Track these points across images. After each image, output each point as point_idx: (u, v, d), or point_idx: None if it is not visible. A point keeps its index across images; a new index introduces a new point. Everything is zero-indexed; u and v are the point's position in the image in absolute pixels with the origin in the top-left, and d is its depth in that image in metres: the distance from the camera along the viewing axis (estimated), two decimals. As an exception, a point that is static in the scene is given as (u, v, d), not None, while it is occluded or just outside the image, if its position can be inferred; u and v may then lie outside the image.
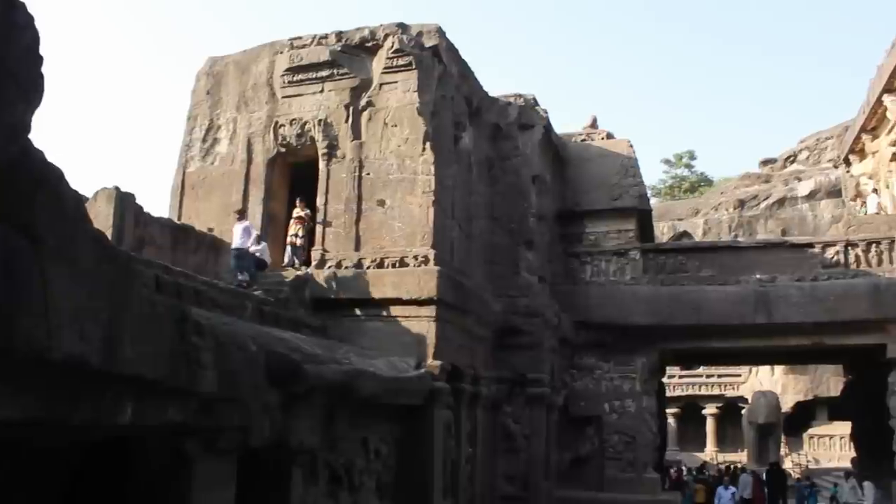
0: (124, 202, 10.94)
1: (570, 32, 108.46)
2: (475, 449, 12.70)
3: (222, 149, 13.45)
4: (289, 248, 12.54)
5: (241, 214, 12.17)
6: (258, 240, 11.95)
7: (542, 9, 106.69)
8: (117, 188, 10.93)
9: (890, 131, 18.06)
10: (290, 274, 11.82)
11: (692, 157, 57.91)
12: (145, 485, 5.70)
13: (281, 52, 13.23)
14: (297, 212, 12.68)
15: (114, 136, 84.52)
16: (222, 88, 13.77)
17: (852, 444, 21.91)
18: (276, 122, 13.02)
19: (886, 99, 17.33)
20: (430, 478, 10.63)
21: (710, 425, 38.70)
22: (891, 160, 18.34)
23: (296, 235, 12.51)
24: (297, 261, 12.35)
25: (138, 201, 11.30)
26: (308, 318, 10.92)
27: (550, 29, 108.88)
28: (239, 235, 11.63)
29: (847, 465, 24.43)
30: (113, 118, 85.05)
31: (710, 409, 38.60)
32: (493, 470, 13.56)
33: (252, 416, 6.08)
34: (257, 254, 11.74)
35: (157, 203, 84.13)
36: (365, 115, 12.50)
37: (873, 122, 19.06)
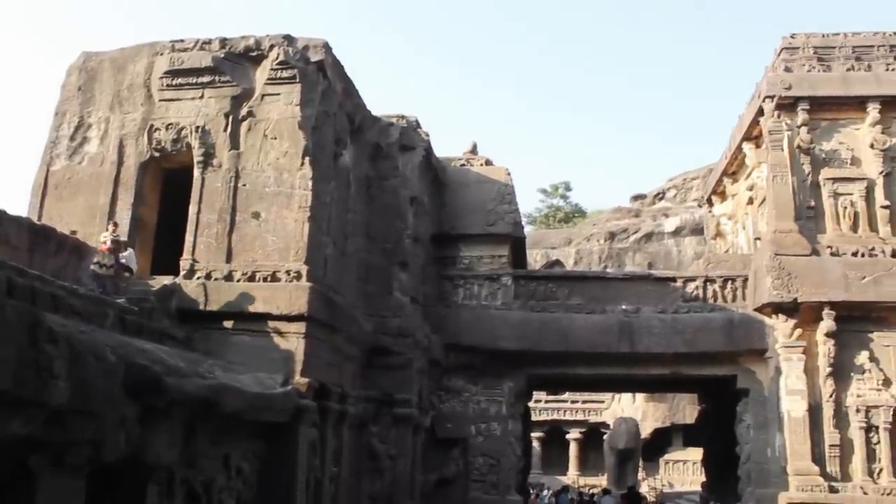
0: (-25, 198, 10.29)
1: (456, 59, 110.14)
2: (340, 468, 12.58)
3: (92, 148, 12.89)
4: (91, 277, 10.73)
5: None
6: (123, 245, 11.50)
7: (431, 33, 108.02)
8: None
9: (748, 176, 19.21)
10: (157, 283, 11.43)
11: (568, 188, 59.71)
12: (-17, 501, 5.37)
13: (161, 54, 12.85)
14: (106, 236, 11.12)
15: (-28, 127, 79.46)
16: (96, 86, 13.23)
17: (704, 469, 23.00)
18: (152, 126, 12.60)
19: (745, 146, 18.44)
20: (293, 497, 10.45)
21: (573, 449, 39.70)
22: (747, 203, 19.50)
23: (100, 265, 10.74)
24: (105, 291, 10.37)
25: (-7, 198, 10.67)
26: (173, 330, 10.58)
27: (438, 53, 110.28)
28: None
29: (698, 488, 25.66)
30: (-28, 108, 79.99)
31: (573, 434, 39.63)
32: (357, 490, 13.46)
33: (107, 430, 5.83)
34: (123, 260, 11.30)
35: (15, 202, 79.61)
36: (245, 125, 12.29)
37: (734, 166, 20.24)
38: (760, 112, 17.02)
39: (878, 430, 15.02)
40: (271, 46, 12.43)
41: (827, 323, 15.21)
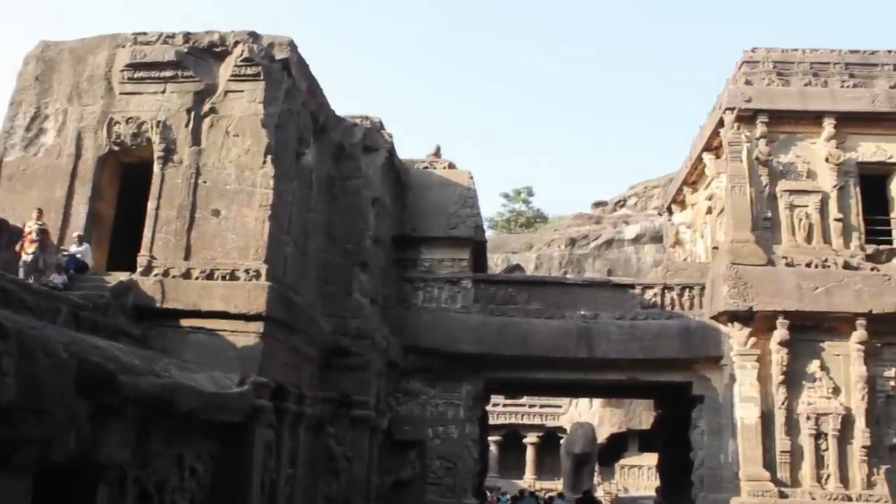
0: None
1: (422, 62, 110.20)
2: (296, 469, 12.49)
3: (48, 140, 12.66)
4: (22, 269, 10.73)
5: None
6: (80, 240, 11.30)
7: (397, 35, 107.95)
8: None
9: (707, 186, 19.47)
10: (113, 279, 11.24)
11: (530, 193, 60.03)
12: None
13: (123, 46, 12.65)
14: (31, 225, 11.03)
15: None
16: (54, 76, 12.99)
17: (658, 474, 23.25)
18: (112, 119, 12.41)
19: (706, 157, 18.69)
20: (248, 499, 10.34)
21: (529, 454, 39.93)
22: (706, 212, 19.75)
23: (27, 250, 10.78)
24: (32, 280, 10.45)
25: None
26: (128, 327, 10.42)
27: (403, 55, 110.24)
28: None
29: (653, 493, 25.94)
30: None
31: (530, 438, 39.86)
32: (313, 491, 13.37)
33: (57, 428, 5.71)
34: (78, 255, 11.10)
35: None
36: (207, 121, 12.16)
37: (694, 176, 20.51)
38: (721, 123, 17.27)
39: (827, 438, 15.33)
40: (236, 43, 12.32)
41: (780, 332, 15.48)
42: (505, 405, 38.69)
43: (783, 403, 15.45)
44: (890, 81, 17.04)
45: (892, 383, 15.60)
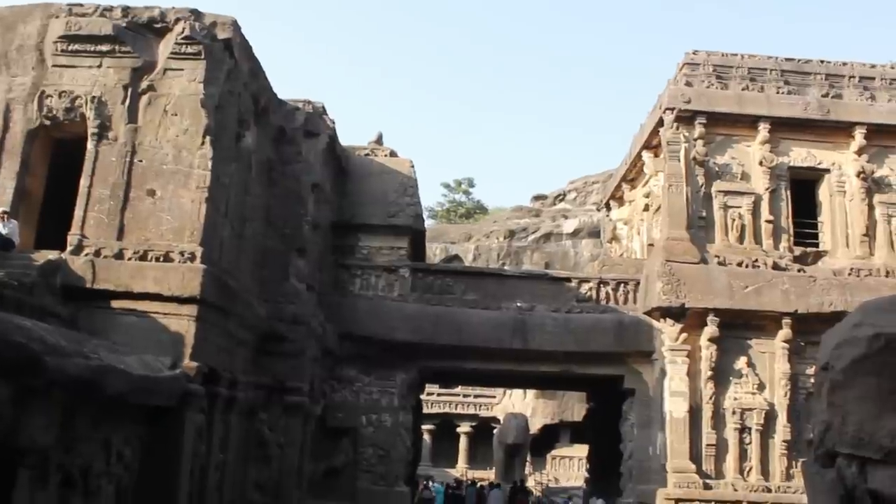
0: None
1: (367, 49, 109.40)
2: (227, 455, 12.32)
3: (-27, 112, 12.15)
4: None
5: None
6: (6, 217, 10.92)
7: (342, 20, 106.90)
8: None
9: (645, 184, 19.78)
10: (41, 257, 10.88)
11: (471, 184, 60.28)
12: None
13: (57, 17, 12.18)
14: None
15: None
16: (-21, 44, 12.47)
17: (588, 465, 23.65)
18: (43, 92, 11.96)
19: (645, 155, 18.98)
20: (177, 484, 10.19)
21: (463, 443, 40.15)
22: (643, 210, 20.08)
23: None
24: None
25: None
26: (56, 308, 10.11)
27: (348, 42, 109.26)
28: None
29: (582, 484, 26.40)
30: None
31: (464, 428, 40.08)
32: (244, 477, 13.21)
33: (-23, 410, 5.53)
34: (4, 232, 10.73)
35: None
36: (144, 98, 11.83)
37: (633, 173, 20.81)
38: (660, 123, 17.56)
39: (751, 432, 15.82)
40: (177, 20, 12.00)
41: (711, 329, 15.87)
42: (439, 394, 38.83)
43: (711, 398, 15.85)
44: (821, 90, 17.58)
45: (813, 380, 16.11)
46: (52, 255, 10.98)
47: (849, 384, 3.24)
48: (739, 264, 16.31)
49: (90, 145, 11.68)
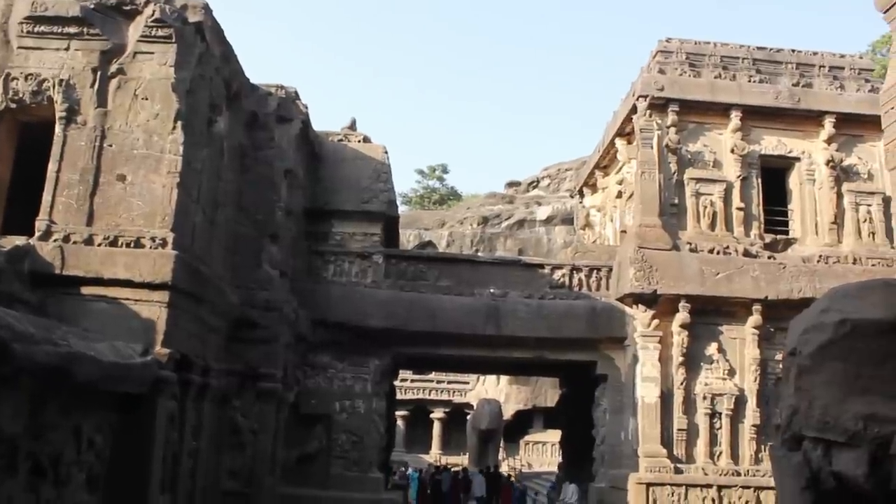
0: None
1: (340, 34, 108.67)
2: (199, 442, 12.28)
3: (-64, 94, 11.91)
4: None
5: None
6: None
7: (318, 5, 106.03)
8: None
9: (618, 171, 19.89)
10: (8, 243, 10.72)
11: (445, 170, 60.28)
12: None
13: (22, -3, 11.97)
14: None
15: None
16: (-56, 26, 12.21)
17: (561, 451, 23.84)
18: (9, 75, 11.73)
19: (618, 142, 19.08)
20: (149, 471, 10.13)
21: (436, 429, 40.31)
22: (616, 197, 20.19)
23: None
24: None
25: None
26: (24, 294, 9.98)
27: (322, 26, 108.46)
28: None
29: (555, 469, 26.64)
30: None
31: (437, 414, 40.24)
32: (217, 465, 13.17)
33: (-56, 398, 5.46)
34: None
35: None
36: (114, 82, 11.66)
37: (606, 160, 20.91)
38: (634, 110, 17.65)
39: (721, 417, 16.04)
40: (147, 2, 11.81)
41: (682, 315, 16.03)
42: (413, 380, 38.93)
43: (682, 384, 16.03)
44: (792, 79, 17.76)
45: (781, 366, 16.35)
46: (19, 240, 10.81)
47: (815, 369, 3.28)
48: (711, 251, 16.48)
49: (58, 129, 11.49)
